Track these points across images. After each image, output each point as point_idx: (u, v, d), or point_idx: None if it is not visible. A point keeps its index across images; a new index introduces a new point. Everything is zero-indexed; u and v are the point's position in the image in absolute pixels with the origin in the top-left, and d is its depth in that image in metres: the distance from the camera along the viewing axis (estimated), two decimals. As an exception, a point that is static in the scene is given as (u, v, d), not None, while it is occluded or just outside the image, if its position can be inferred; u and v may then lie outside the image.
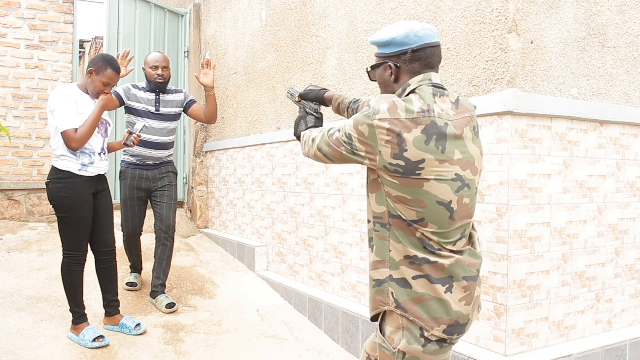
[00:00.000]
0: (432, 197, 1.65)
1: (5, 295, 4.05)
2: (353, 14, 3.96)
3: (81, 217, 3.43)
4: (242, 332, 3.93)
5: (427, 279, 1.67)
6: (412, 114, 1.63)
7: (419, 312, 1.67)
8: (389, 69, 1.80)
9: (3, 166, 5.83)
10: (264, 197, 5.19)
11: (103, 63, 3.39)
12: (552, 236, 3.03)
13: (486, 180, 2.94)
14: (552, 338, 3.04)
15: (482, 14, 2.99)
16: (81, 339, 3.44)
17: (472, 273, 1.74)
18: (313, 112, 2.26)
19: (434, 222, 1.67)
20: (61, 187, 3.38)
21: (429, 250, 1.68)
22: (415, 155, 1.62)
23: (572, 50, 3.10)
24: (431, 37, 1.77)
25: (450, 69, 3.18)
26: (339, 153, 1.77)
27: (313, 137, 1.91)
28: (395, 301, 1.71)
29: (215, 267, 5.24)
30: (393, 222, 1.71)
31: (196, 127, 6.54)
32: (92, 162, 3.44)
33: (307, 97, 2.37)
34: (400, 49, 1.76)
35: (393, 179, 1.66)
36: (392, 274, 1.72)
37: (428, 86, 1.73)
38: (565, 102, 3.04)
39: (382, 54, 1.82)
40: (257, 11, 5.34)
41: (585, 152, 3.17)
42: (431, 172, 1.64)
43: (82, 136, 3.31)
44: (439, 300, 1.67)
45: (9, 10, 5.86)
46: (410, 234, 1.69)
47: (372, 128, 1.64)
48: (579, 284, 3.16)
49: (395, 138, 1.62)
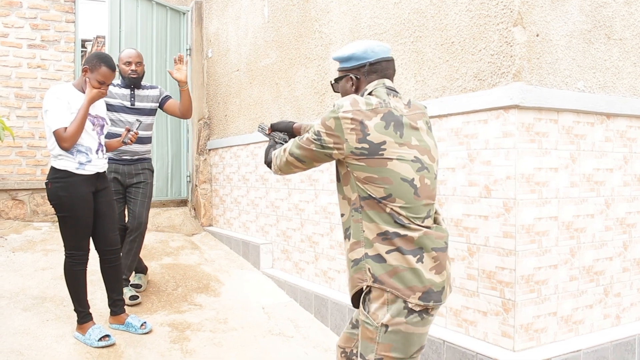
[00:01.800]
0: (396, 174, 1.88)
1: (11, 295, 4.05)
2: (356, 9, 3.93)
3: (81, 216, 3.41)
4: (248, 330, 3.92)
5: (399, 251, 1.87)
6: (371, 106, 1.91)
7: (395, 283, 1.86)
8: (350, 81, 2.09)
9: (7, 166, 5.83)
10: (268, 195, 5.18)
11: (97, 61, 3.37)
12: (560, 230, 3.01)
13: (492, 174, 2.92)
14: (561, 333, 3.02)
15: (487, 7, 2.96)
16: (87, 338, 3.43)
17: (440, 245, 1.94)
18: (282, 141, 2.47)
19: (400, 197, 1.88)
20: (60, 186, 3.37)
21: (399, 224, 1.88)
22: (377, 138, 1.87)
23: (578, 42, 3.07)
24: (386, 52, 2.07)
25: (455, 63, 3.16)
26: (310, 151, 2.00)
27: (284, 147, 2.13)
28: (372, 276, 1.89)
29: (220, 265, 5.23)
30: (364, 204, 1.91)
31: (199, 125, 6.53)
32: (89, 161, 3.41)
33: (277, 128, 2.57)
34: (360, 63, 2.05)
35: (360, 162, 1.89)
36: (368, 252, 1.91)
37: (382, 88, 2.00)
38: (572, 95, 3.01)
39: (343, 68, 2.11)
40: (259, 8, 5.31)
41: (592, 145, 3.14)
42: (393, 152, 1.88)
43: (72, 134, 3.27)
44: (411, 270, 1.86)
45: (11, 10, 5.85)
46: (381, 211, 1.89)
47: (337, 120, 1.89)
48: (587, 278, 3.14)
49: (359, 125, 1.87)
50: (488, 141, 2.95)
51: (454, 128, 3.15)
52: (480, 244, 3.00)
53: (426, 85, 3.36)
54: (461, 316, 3.13)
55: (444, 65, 3.24)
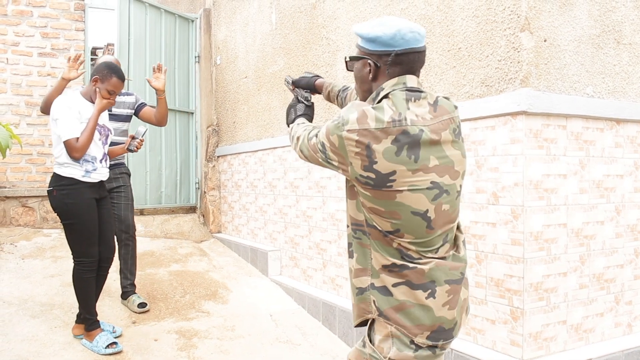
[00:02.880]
0: (407, 208, 1.59)
1: (20, 302, 4.06)
2: (363, 16, 3.93)
3: (87, 221, 3.42)
4: (256, 337, 3.91)
5: (408, 285, 1.63)
6: (382, 124, 1.56)
7: (401, 319, 1.63)
8: (368, 67, 1.71)
9: (17, 173, 5.87)
10: (277, 201, 5.17)
11: (108, 71, 3.38)
12: (569, 238, 2.97)
13: (500, 181, 2.90)
14: (571, 342, 2.98)
15: (493, 12, 2.94)
16: (95, 345, 3.43)
17: (455, 276, 1.68)
18: (304, 99, 2.24)
19: (410, 232, 1.61)
20: (65, 194, 3.37)
21: (406, 259, 1.63)
22: (385, 167, 1.56)
23: (587, 47, 3.04)
24: (418, 41, 1.67)
25: (462, 69, 3.14)
26: (316, 159, 1.75)
27: (298, 135, 1.88)
28: (377, 309, 1.67)
29: (229, 272, 5.22)
30: (370, 232, 1.67)
31: (208, 132, 6.55)
32: (95, 169, 3.44)
33: (299, 84, 2.34)
34: (384, 50, 1.67)
35: (365, 190, 1.61)
36: (374, 282, 1.67)
37: (401, 91, 1.64)
38: (581, 100, 2.98)
39: (364, 48, 1.72)
40: (267, 15, 5.32)
41: (601, 151, 3.10)
42: (403, 183, 1.57)
43: (83, 144, 3.30)
44: (420, 306, 1.63)
45: (22, 19, 5.91)
46: (387, 245, 1.64)
47: (341, 139, 1.59)
48: (597, 286, 3.10)
49: (365, 150, 1.56)
50: (496, 148, 2.92)
51: (462, 134, 3.13)
52: (488, 251, 2.97)
53: (433, 91, 3.34)
54: (469, 324, 3.09)
55: (451, 71, 3.22)
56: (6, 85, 5.83)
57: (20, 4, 5.91)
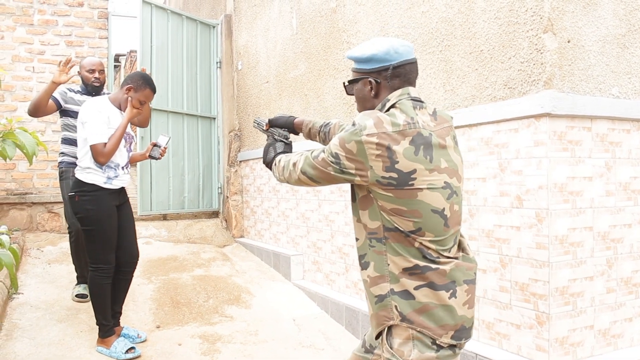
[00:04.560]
0: (427, 206, 1.66)
1: (47, 306, 4.12)
2: (384, 19, 3.92)
3: (107, 229, 3.45)
4: (279, 342, 3.91)
5: (430, 287, 1.67)
6: (398, 127, 1.65)
7: (425, 321, 1.66)
8: (369, 85, 1.81)
9: (43, 180, 5.96)
10: (299, 206, 5.18)
11: (143, 82, 3.43)
12: (596, 241, 2.92)
13: (524, 184, 2.86)
14: (598, 347, 2.93)
15: (516, 14, 2.91)
16: (113, 351, 3.45)
17: (471, 276, 1.75)
18: (283, 138, 2.24)
19: (430, 230, 1.67)
20: (87, 200, 3.41)
21: (428, 259, 1.68)
22: (406, 166, 1.63)
23: (612, 47, 2.99)
24: (410, 53, 1.80)
25: (485, 71, 3.11)
26: (326, 174, 1.75)
27: (294, 161, 1.88)
28: (399, 314, 1.69)
29: (251, 277, 5.24)
30: (389, 235, 1.69)
31: (230, 137, 6.58)
32: (117, 176, 3.48)
33: (276, 124, 2.35)
34: (381, 65, 1.78)
35: (387, 192, 1.66)
36: (394, 288, 1.70)
37: (407, 100, 1.74)
38: (606, 101, 2.93)
39: (361, 69, 1.83)
40: (288, 20, 5.34)
41: (628, 153, 3.05)
42: (423, 181, 1.65)
43: (110, 150, 3.35)
44: (443, 307, 1.67)
45: (47, 28, 6.01)
46: (409, 245, 1.68)
47: (360, 144, 1.64)
48: (625, 290, 3.04)
49: (386, 151, 1.62)
50: (519, 150, 2.89)
51: (484, 137, 3.10)
52: (512, 255, 2.94)
53: (455, 94, 3.31)
54: (494, 329, 3.06)
55: (473, 74, 3.20)
56: (32, 93, 5.93)
57: (45, 14, 6.01)
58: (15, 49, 5.93)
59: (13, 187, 5.89)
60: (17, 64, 5.93)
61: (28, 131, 2.32)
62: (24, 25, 5.96)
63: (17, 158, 5.78)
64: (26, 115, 5.84)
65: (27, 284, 4.48)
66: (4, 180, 5.88)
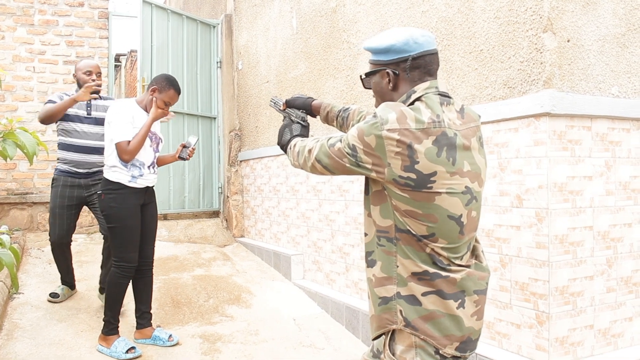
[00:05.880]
0: (444, 211, 1.57)
1: (47, 306, 4.12)
2: (384, 19, 3.92)
3: (129, 227, 3.49)
4: (279, 341, 3.91)
5: (439, 294, 1.59)
6: (422, 124, 1.54)
7: (430, 330, 1.59)
8: (386, 77, 1.71)
9: (44, 179, 5.97)
10: (299, 205, 5.18)
11: (167, 83, 3.49)
12: (596, 240, 2.92)
13: (524, 184, 2.86)
14: (599, 347, 2.93)
15: (515, 13, 2.91)
16: (113, 351, 3.46)
17: (482, 287, 1.67)
18: (300, 120, 2.14)
19: (444, 237, 1.59)
20: (112, 198, 3.47)
21: (439, 266, 1.60)
22: (427, 167, 1.53)
23: (612, 47, 2.99)
24: (430, 44, 1.69)
25: (484, 71, 3.11)
26: (342, 165, 1.66)
27: (309, 147, 1.79)
28: (404, 319, 1.61)
29: (252, 277, 5.24)
30: (401, 237, 1.61)
31: (230, 137, 6.59)
32: (141, 175, 3.52)
33: (293, 105, 2.23)
34: (400, 56, 1.67)
35: (403, 192, 1.56)
36: (400, 291, 1.62)
37: (435, 94, 1.64)
38: (606, 101, 2.93)
39: (379, 61, 1.73)
40: (288, 19, 5.34)
41: (628, 152, 3.05)
42: (442, 185, 1.55)
43: (134, 148, 3.40)
44: (450, 316, 1.60)
45: (48, 28, 6.02)
46: (419, 250, 1.60)
47: (380, 139, 1.54)
48: (625, 290, 3.04)
49: (406, 150, 1.53)
50: (519, 150, 2.89)
51: (484, 137, 3.10)
52: (512, 254, 2.94)
53: (455, 93, 3.31)
54: (494, 329, 3.06)
55: (472, 73, 3.20)
56: (33, 93, 5.95)
57: (46, 14, 6.02)
58: (16, 49, 5.94)
59: (14, 186, 5.90)
60: (18, 64, 5.94)
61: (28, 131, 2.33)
62: (25, 25, 5.96)
63: (18, 158, 5.79)
64: (27, 115, 5.88)
65: (27, 283, 4.49)
66: (5, 180, 5.89)
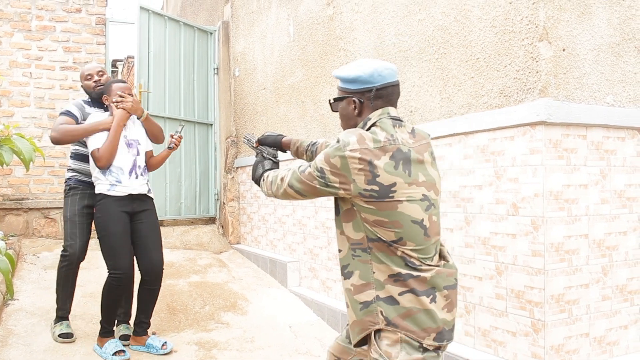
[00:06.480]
0: (407, 217, 1.78)
1: (42, 312, 4.11)
2: (380, 27, 3.94)
3: (113, 233, 3.47)
4: (275, 349, 3.91)
5: (413, 292, 1.78)
6: (379, 143, 1.77)
7: (409, 325, 1.77)
8: (353, 104, 1.93)
9: (40, 185, 5.96)
10: (296, 213, 5.18)
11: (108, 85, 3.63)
12: (591, 249, 2.93)
13: (520, 192, 2.87)
14: (594, 355, 2.93)
15: (511, 22, 2.93)
16: (103, 351, 3.49)
17: (451, 282, 1.86)
18: (271, 157, 2.37)
19: (412, 240, 1.79)
20: (97, 209, 3.54)
21: (410, 267, 1.79)
22: (387, 179, 1.75)
23: (607, 56, 3.01)
24: (392, 76, 1.92)
25: (481, 79, 3.13)
26: (312, 187, 1.87)
27: (281, 176, 2.00)
28: (385, 319, 1.79)
29: (248, 283, 5.23)
30: (373, 245, 1.81)
31: (227, 144, 6.59)
32: (119, 182, 3.51)
33: (265, 142, 2.48)
34: (365, 87, 1.90)
35: (369, 204, 1.77)
36: (379, 294, 1.80)
37: (387, 119, 1.87)
38: (601, 110, 2.95)
39: (346, 89, 1.95)
40: (285, 27, 5.36)
41: (623, 161, 3.07)
42: (402, 194, 1.77)
43: (103, 153, 3.43)
44: (425, 311, 1.78)
45: (45, 34, 6.02)
46: (391, 254, 1.79)
47: (344, 159, 1.76)
48: (620, 298, 3.05)
49: (367, 166, 1.75)
50: (515, 158, 2.90)
51: (480, 145, 3.11)
52: (508, 262, 2.95)
53: (451, 102, 3.33)
54: (490, 336, 3.06)
55: (469, 81, 3.21)
56: (29, 99, 5.94)
57: (43, 20, 6.03)
58: (13, 54, 5.94)
59: (9, 192, 5.89)
60: (15, 69, 5.94)
61: (25, 137, 2.33)
62: (22, 31, 5.97)
63: (14, 163, 5.77)
64: (23, 121, 5.87)
65: (22, 290, 4.47)
66: (1, 186, 5.88)
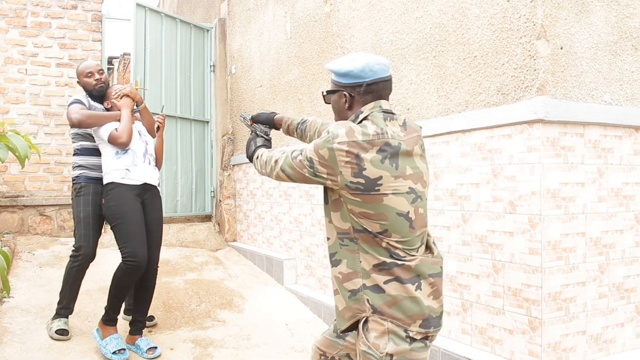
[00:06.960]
0: (392, 209, 1.81)
1: (38, 310, 4.09)
2: (378, 25, 3.93)
3: (130, 220, 3.46)
4: (272, 346, 3.90)
5: (398, 280, 1.81)
6: (368, 137, 1.80)
7: (395, 313, 1.80)
8: (343, 97, 1.96)
9: (35, 182, 5.93)
10: (292, 210, 5.17)
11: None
12: (588, 247, 2.94)
13: (517, 190, 2.87)
14: (591, 352, 2.94)
15: (509, 20, 2.93)
16: (103, 345, 3.45)
17: (436, 270, 1.89)
18: (263, 134, 2.43)
19: (396, 232, 1.82)
20: (109, 198, 3.50)
21: (394, 257, 1.82)
22: (373, 173, 1.78)
23: (604, 54, 3.02)
24: (384, 71, 1.92)
25: (478, 77, 3.13)
26: (302, 175, 1.92)
27: (276, 158, 2.04)
28: (371, 307, 1.83)
29: (244, 281, 5.23)
30: (359, 236, 1.85)
31: (223, 141, 6.58)
32: (135, 165, 3.53)
33: (258, 120, 2.52)
34: (356, 82, 1.91)
35: (355, 197, 1.81)
36: (366, 283, 1.84)
37: (379, 112, 1.89)
38: (598, 108, 2.95)
39: (338, 82, 1.97)
40: (282, 24, 5.35)
41: (620, 159, 3.07)
42: (388, 187, 1.80)
43: (123, 130, 3.49)
44: (411, 298, 1.81)
45: (41, 30, 5.99)
46: (376, 245, 1.83)
47: (332, 151, 1.80)
48: (617, 295, 3.05)
49: (354, 159, 1.78)
50: (512, 156, 2.90)
51: (478, 143, 3.11)
52: (505, 260, 2.95)
53: (449, 99, 3.33)
54: (487, 334, 3.06)
55: (466, 79, 3.21)
56: (25, 96, 5.91)
57: (39, 16, 5.99)
58: (8, 50, 5.90)
59: (4, 189, 5.86)
60: (10, 66, 5.90)
61: (20, 134, 2.32)
62: (17, 27, 5.93)
63: (9, 160, 5.75)
64: (18, 118, 5.84)
65: (17, 287, 4.45)
66: (-5, 183, 5.85)
